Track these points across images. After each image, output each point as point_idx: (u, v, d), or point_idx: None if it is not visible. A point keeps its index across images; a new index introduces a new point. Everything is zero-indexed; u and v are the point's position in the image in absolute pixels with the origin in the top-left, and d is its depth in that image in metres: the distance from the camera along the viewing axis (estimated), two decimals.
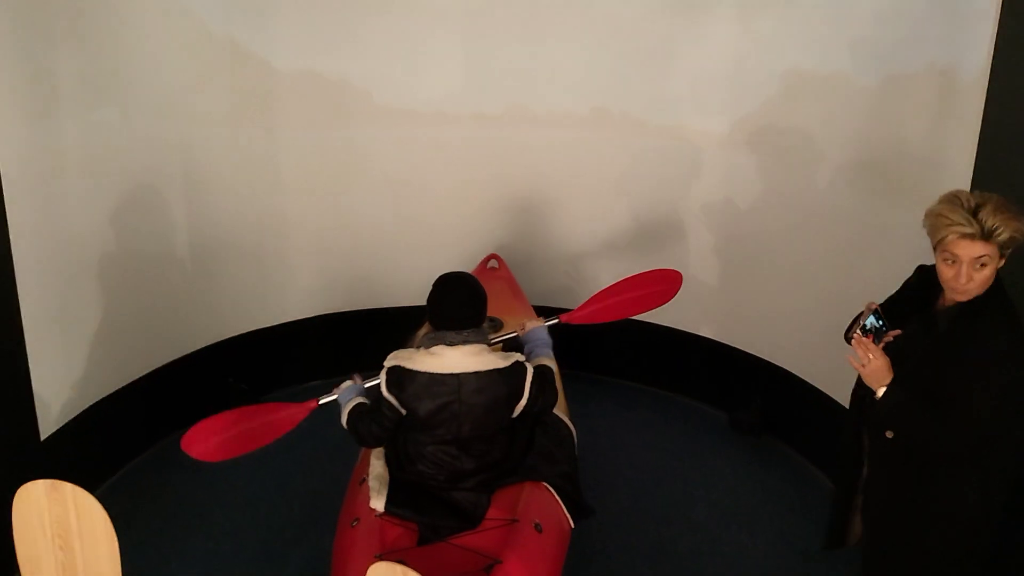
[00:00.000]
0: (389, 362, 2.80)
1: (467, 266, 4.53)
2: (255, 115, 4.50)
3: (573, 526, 3.00)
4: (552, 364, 3.06)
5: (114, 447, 4.12)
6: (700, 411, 4.78)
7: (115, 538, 1.97)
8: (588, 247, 4.95)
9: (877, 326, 2.33)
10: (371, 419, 2.85)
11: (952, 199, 2.19)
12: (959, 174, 3.08)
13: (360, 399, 3.02)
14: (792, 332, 4.30)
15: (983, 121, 2.98)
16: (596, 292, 3.58)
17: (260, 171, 4.61)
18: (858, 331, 2.35)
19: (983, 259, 2.14)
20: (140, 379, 4.18)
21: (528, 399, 2.80)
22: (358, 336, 4.88)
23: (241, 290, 4.66)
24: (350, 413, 2.97)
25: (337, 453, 4.24)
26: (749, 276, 4.48)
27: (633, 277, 3.56)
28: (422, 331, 2.85)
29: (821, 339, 4.11)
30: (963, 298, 2.22)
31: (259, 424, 3.23)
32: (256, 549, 3.62)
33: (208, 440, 3.17)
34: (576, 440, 3.45)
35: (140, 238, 4.12)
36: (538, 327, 3.28)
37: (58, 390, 3.71)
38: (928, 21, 3.37)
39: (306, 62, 4.50)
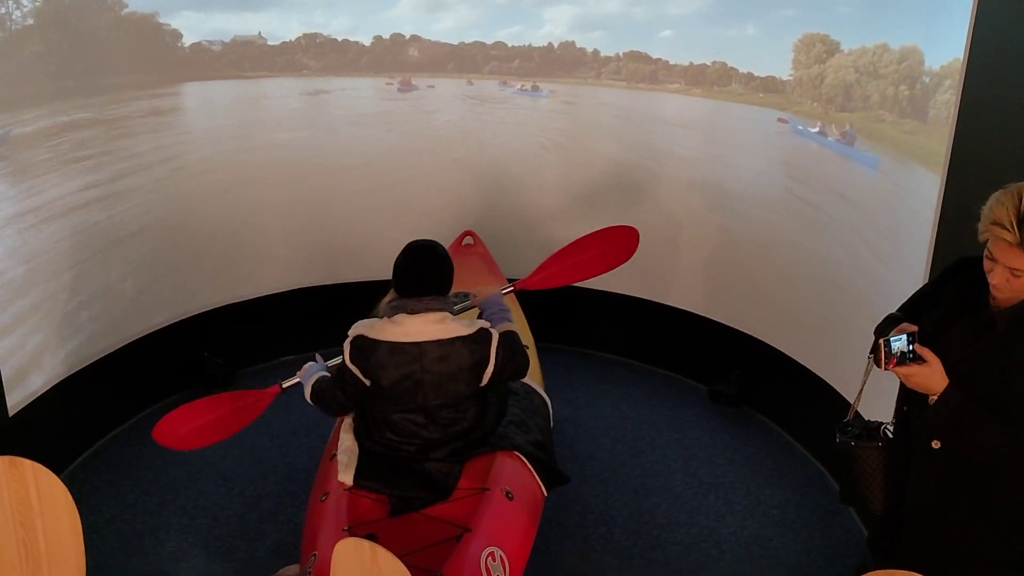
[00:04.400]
0: (353, 331, 2.76)
1: (442, 243, 4.50)
2: (224, 85, 4.42)
3: (546, 494, 2.98)
4: (515, 329, 2.96)
5: (87, 422, 4.07)
6: (680, 383, 4.79)
7: (77, 515, 1.93)
8: (566, 224, 4.91)
9: (905, 351, 2.04)
10: (336, 387, 2.83)
11: (1011, 195, 1.92)
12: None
13: (322, 374, 3.01)
14: (771, 305, 4.30)
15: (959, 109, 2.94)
16: (549, 257, 3.38)
17: (232, 142, 4.55)
18: (881, 349, 2.05)
19: (1016, 272, 1.92)
20: (113, 353, 4.13)
21: (496, 365, 2.75)
22: (333, 310, 4.81)
23: (215, 264, 4.59)
24: (314, 387, 2.96)
25: (313, 427, 4.23)
26: (729, 250, 4.47)
27: (586, 237, 3.37)
28: (386, 299, 2.81)
29: (799, 312, 4.13)
30: (1000, 296, 2.00)
31: (227, 412, 3.27)
32: (231, 523, 3.59)
33: (179, 430, 3.22)
34: (552, 411, 3.44)
35: (111, 212, 4.05)
36: (494, 294, 3.21)
37: (26, 365, 3.64)
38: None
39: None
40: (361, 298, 3.97)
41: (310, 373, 3.07)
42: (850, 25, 3.65)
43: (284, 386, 3.31)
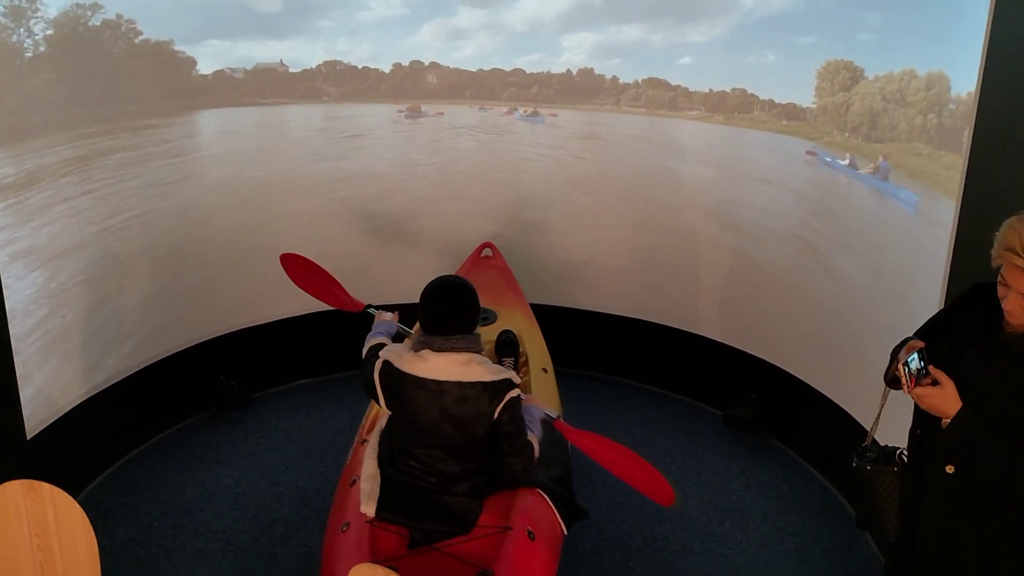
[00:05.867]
0: (383, 354, 2.75)
1: (462, 255, 4.52)
2: (244, 112, 4.48)
3: (567, 532, 2.94)
4: (536, 444, 2.82)
5: (103, 445, 4.09)
6: (695, 408, 4.77)
7: (94, 538, 1.94)
8: (587, 242, 4.93)
9: (919, 367, 2.05)
10: (367, 373, 2.78)
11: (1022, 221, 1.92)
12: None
13: (384, 339, 3.03)
14: (787, 331, 4.28)
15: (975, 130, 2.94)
16: (602, 435, 3.18)
17: (250, 168, 4.59)
18: (902, 374, 2.07)
19: None
20: (129, 377, 4.15)
21: (497, 418, 2.66)
22: (348, 334, 4.83)
23: (230, 288, 4.63)
24: (368, 351, 2.97)
25: (327, 451, 4.23)
26: (744, 276, 4.46)
27: (639, 459, 3.15)
28: (415, 332, 2.79)
29: (815, 338, 4.10)
30: (1014, 321, 1.99)
31: (329, 286, 3.74)
32: (245, 547, 3.59)
33: (298, 268, 3.76)
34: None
35: (128, 237, 4.09)
36: (536, 406, 3.05)
37: (44, 388, 3.67)
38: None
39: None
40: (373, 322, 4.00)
41: (379, 329, 3.15)
42: (873, 52, 3.63)
43: (367, 307, 3.54)
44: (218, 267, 4.54)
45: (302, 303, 4.86)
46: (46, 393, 3.68)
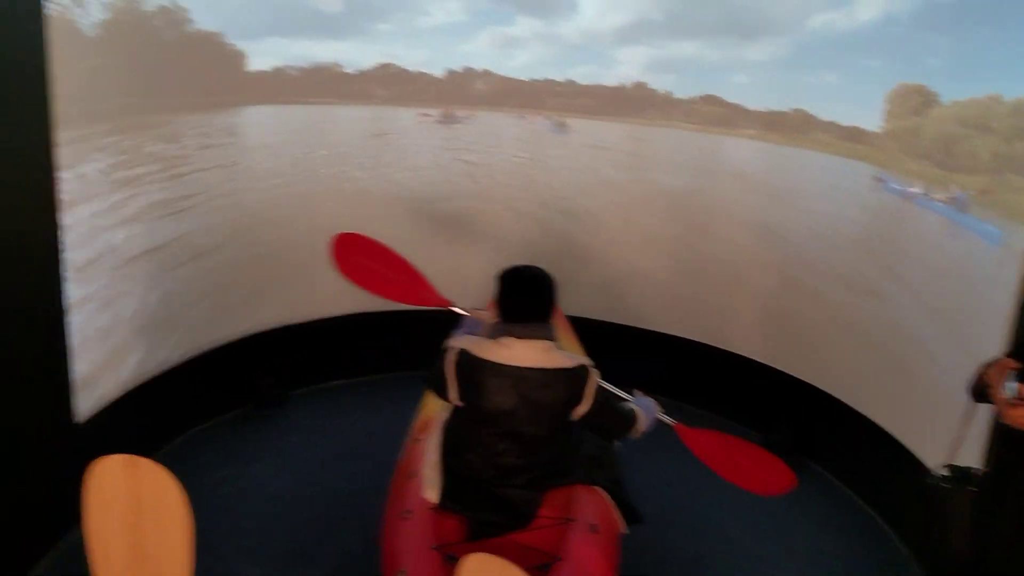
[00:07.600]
0: (456, 344, 2.70)
1: (502, 258, 4.51)
2: (294, 109, 4.48)
3: (626, 531, 2.93)
4: (642, 419, 2.93)
5: (137, 440, 3.98)
6: (734, 430, 4.70)
7: (188, 517, 1.90)
8: (627, 262, 4.92)
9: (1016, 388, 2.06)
10: (437, 374, 2.73)
11: None
12: None
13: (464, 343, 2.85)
14: (832, 354, 4.27)
15: None
16: (719, 432, 3.21)
17: (294, 167, 4.58)
18: (1002, 400, 2.08)
19: None
20: (165, 372, 4.10)
21: (591, 408, 2.69)
22: (386, 337, 4.84)
23: (270, 285, 4.60)
24: (446, 348, 2.78)
25: (357, 454, 4.20)
26: (788, 297, 4.45)
27: (758, 449, 3.17)
28: (486, 314, 2.78)
29: (857, 360, 4.10)
30: None
31: (402, 278, 3.20)
32: (280, 546, 3.53)
33: (356, 253, 3.19)
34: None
35: (169, 234, 4.07)
36: (652, 403, 3.12)
37: (94, 377, 3.62)
38: None
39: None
40: (415, 326, 3.96)
41: (468, 328, 3.06)
42: (944, 76, 3.58)
43: (454, 308, 3.23)
44: (258, 264, 4.52)
45: (340, 303, 4.86)
46: (94, 381, 3.63)
